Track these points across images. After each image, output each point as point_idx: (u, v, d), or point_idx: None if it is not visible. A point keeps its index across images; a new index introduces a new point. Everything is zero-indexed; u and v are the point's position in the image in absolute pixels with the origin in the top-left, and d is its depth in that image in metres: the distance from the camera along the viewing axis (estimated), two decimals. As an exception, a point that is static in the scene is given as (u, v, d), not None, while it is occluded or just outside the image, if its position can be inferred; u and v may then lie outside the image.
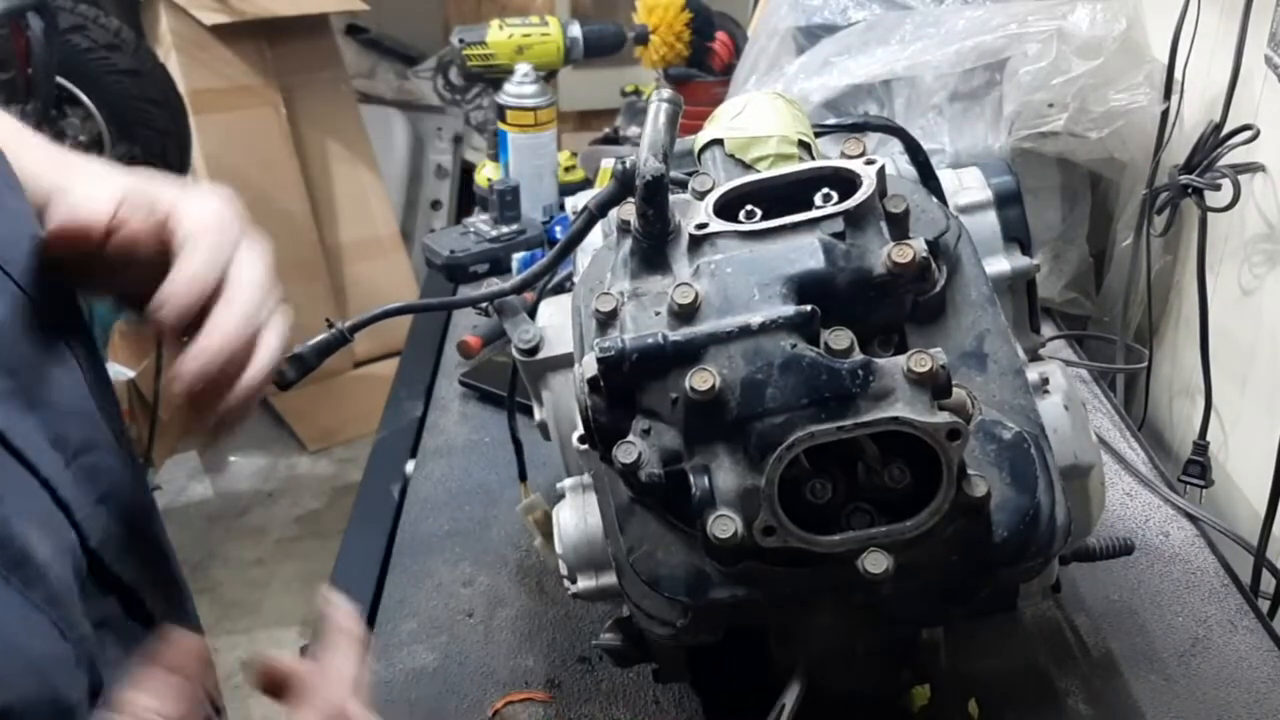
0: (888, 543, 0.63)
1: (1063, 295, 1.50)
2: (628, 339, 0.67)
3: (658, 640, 0.76)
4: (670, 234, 0.73)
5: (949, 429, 0.61)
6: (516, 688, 0.95)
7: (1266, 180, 1.21)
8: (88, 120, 2.53)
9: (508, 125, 1.73)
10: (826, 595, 0.70)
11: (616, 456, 0.67)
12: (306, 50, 3.31)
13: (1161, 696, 0.92)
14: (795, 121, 0.83)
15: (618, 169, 0.83)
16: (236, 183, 2.73)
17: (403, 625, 1.02)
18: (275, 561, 2.79)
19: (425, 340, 1.52)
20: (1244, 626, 0.99)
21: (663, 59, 1.92)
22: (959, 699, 0.89)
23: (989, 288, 0.76)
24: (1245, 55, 1.21)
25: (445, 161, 3.77)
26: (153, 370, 2.81)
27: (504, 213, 1.67)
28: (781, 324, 0.65)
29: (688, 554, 0.69)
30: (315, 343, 0.89)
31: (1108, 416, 1.31)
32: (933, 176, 0.90)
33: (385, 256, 3.41)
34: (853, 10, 1.52)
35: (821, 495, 0.65)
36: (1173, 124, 1.37)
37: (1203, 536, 1.11)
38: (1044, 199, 1.47)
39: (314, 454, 3.17)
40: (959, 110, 1.43)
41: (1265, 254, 1.23)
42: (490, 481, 1.21)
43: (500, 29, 1.80)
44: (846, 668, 0.80)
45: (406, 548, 1.12)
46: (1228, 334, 1.28)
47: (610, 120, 2.27)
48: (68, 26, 2.39)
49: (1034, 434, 0.69)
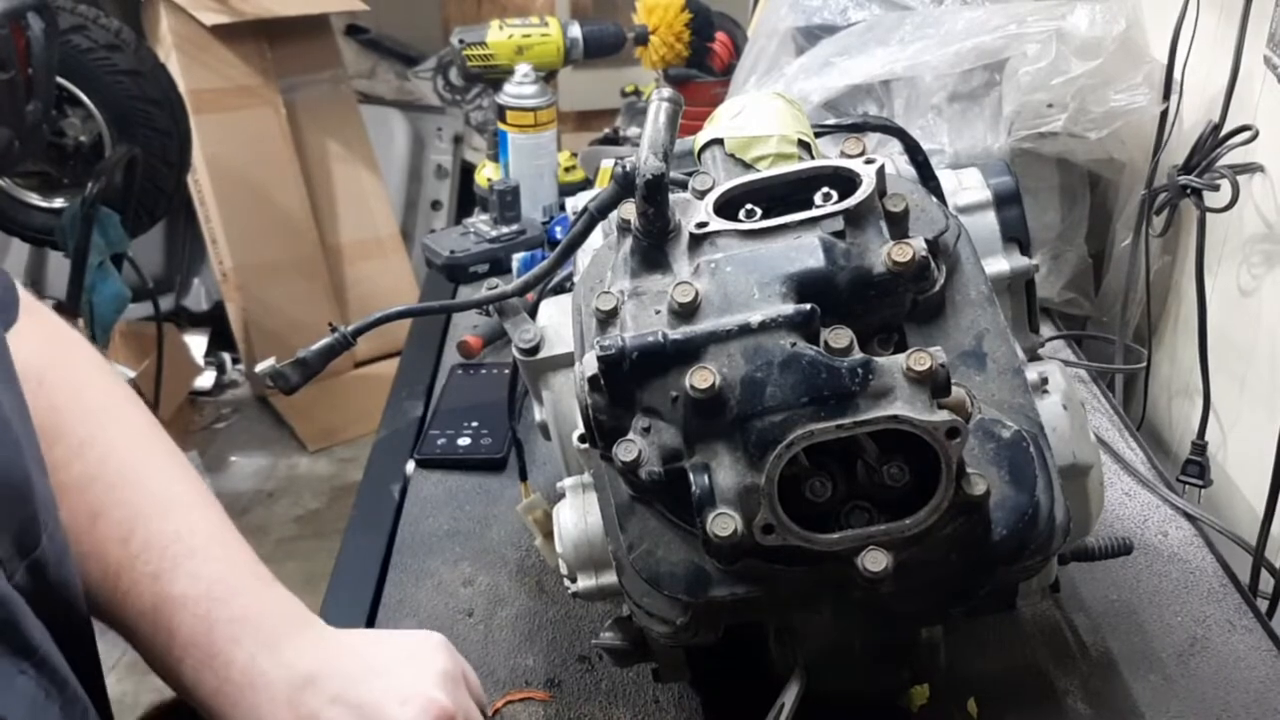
0: (887, 541, 0.63)
1: (1061, 295, 1.51)
2: (628, 337, 0.67)
3: (657, 639, 0.76)
4: (670, 233, 0.73)
5: (948, 427, 0.61)
6: (516, 687, 0.95)
7: (1265, 181, 1.22)
8: (88, 120, 2.53)
9: (508, 125, 1.73)
10: (826, 593, 0.70)
11: (617, 455, 0.67)
12: (306, 50, 3.32)
13: (1160, 696, 0.92)
14: (795, 121, 0.84)
15: (617, 170, 0.83)
16: (236, 183, 2.76)
17: (403, 625, 1.02)
18: (275, 561, 2.76)
19: (425, 340, 1.52)
20: (1243, 626, 0.99)
21: (663, 59, 1.92)
22: (958, 699, 0.89)
23: (988, 287, 0.76)
24: (1245, 55, 1.21)
25: (445, 162, 3.77)
26: (154, 370, 2.81)
27: (504, 213, 1.68)
28: (781, 322, 0.65)
29: (687, 552, 0.69)
30: (318, 347, 0.89)
31: (1106, 416, 1.31)
32: (932, 176, 0.90)
33: (385, 256, 3.41)
34: (852, 11, 1.52)
35: (821, 493, 0.65)
36: (1172, 124, 1.37)
37: (1201, 536, 1.11)
38: (1043, 199, 1.47)
39: (314, 454, 3.17)
40: (958, 110, 1.43)
41: (1264, 254, 1.23)
42: (490, 481, 1.21)
43: (500, 29, 1.80)
44: (846, 667, 0.80)
45: (406, 547, 1.12)
46: (1226, 334, 1.28)
47: (610, 121, 2.27)
48: (68, 26, 2.39)
49: (1033, 433, 0.69)
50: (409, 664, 0.67)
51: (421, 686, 0.64)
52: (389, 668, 0.66)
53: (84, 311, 2.45)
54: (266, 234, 3.20)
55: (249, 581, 0.67)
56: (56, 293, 3.27)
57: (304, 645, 0.65)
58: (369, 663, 0.65)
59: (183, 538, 0.65)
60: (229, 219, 3.14)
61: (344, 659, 0.65)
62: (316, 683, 0.63)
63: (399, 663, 0.66)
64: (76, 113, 2.52)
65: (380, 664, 0.66)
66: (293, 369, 0.90)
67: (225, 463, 3.15)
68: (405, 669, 0.66)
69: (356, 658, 0.66)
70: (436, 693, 0.65)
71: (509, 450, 1.21)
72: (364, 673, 0.65)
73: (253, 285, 3.20)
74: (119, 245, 2.51)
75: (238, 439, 3.25)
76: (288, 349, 0.94)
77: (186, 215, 3.27)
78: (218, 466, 3.12)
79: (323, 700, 0.63)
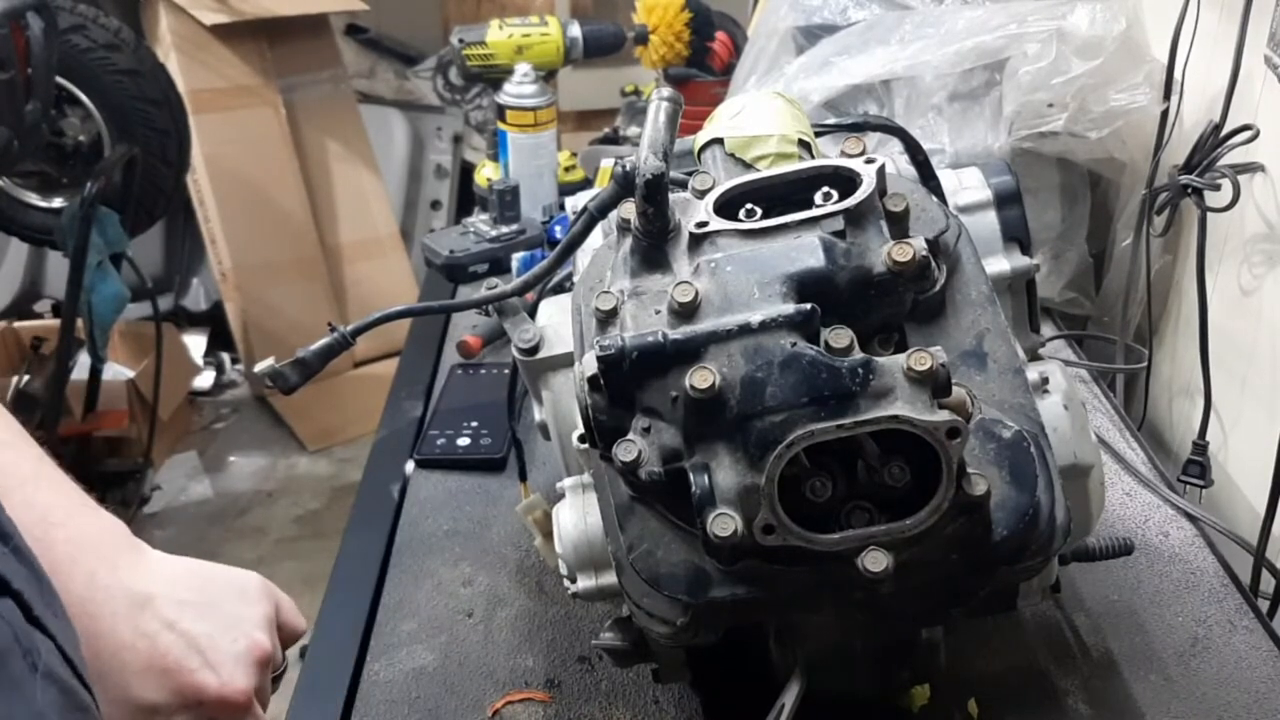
0: (887, 541, 0.63)
1: (1062, 295, 1.51)
2: (628, 337, 0.67)
3: (657, 640, 0.76)
4: (670, 233, 0.73)
5: (949, 427, 0.61)
6: (516, 687, 0.95)
7: (1266, 180, 1.21)
8: (87, 120, 2.53)
9: (507, 125, 1.73)
10: (826, 594, 0.70)
11: (616, 455, 0.67)
12: (306, 50, 3.31)
13: (1161, 696, 0.92)
14: (795, 121, 0.83)
15: (617, 170, 0.83)
16: (236, 182, 2.76)
17: (402, 625, 1.02)
18: (275, 561, 2.79)
19: (425, 340, 1.52)
20: (1243, 626, 0.99)
21: (662, 59, 1.92)
22: (959, 699, 0.89)
23: (989, 287, 0.76)
24: (1245, 55, 1.21)
25: (445, 161, 3.77)
26: (153, 370, 2.81)
27: (504, 213, 1.67)
28: (781, 322, 0.65)
29: (688, 553, 0.69)
30: (317, 347, 0.89)
31: (1107, 416, 1.31)
32: (932, 176, 0.90)
33: (385, 256, 3.41)
34: (853, 10, 1.52)
35: (821, 494, 0.65)
36: (1172, 124, 1.37)
37: (1202, 536, 1.11)
38: (1043, 199, 1.47)
39: (314, 454, 3.17)
40: (959, 110, 1.43)
41: (1265, 254, 1.23)
42: (490, 482, 1.21)
43: (500, 29, 1.80)
44: (846, 667, 0.80)
45: (406, 548, 1.12)
46: (1227, 334, 1.28)
47: (610, 120, 2.27)
48: (68, 26, 2.39)
49: (1034, 433, 0.69)
50: (239, 602, 0.70)
51: (248, 627, 0.68)
52: (219, 602, 0.69)
53: (83, 311, 2.45)
54: (266, 234, 3.20)
55: (80, 508, 0.69)
56: (55, 292, 3.28)
57: (140, 566, 0.68)
58: (203, 594, 0.69)
59: (9, 472, 0.66)
60: (228, 219, 3.14)
61: (179, 586, 0.68)
62: (154, 604, 0.66)
63: (229, 600, 0.70)
64: (75, 112, 2.52)
65: (212, 597, 0.69)
66: (292, 369, 0.90)
67: (224, 463, 3.14)
68: (235, 606, 0.69)
69: (191, 587, 0.69)
70: (261, 634, 0.68)
71: (509, 450, 1.21)
72: (198, 602, 0.68)
73: (252, 285, 3.20)
74: (118, 245, 2.51)
75: (237, 439, 3.25)
76: (287, 349, 0.93)
77: (185, 215, 3.27)
78: (217, 467, 3.11)
79: (160, 624, 0.65)
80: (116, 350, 2.94)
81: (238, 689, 0.66)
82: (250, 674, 0.67)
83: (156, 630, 0.65)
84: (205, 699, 0.65)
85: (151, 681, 0.64)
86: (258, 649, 0.68)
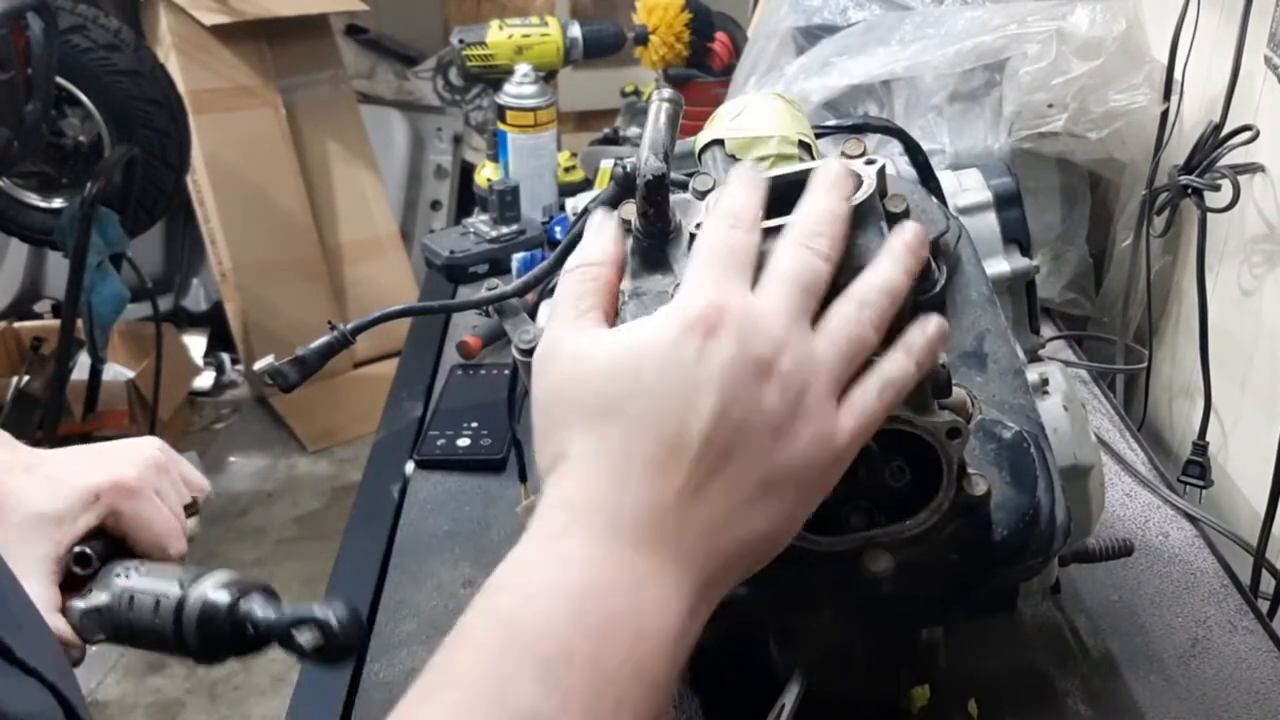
0: (888, 541, 0.63)
1: (1062, 296, 1.51)
2: (628, 338, 0.66)
3: (657, 640, 0.76)
4: (671, 233, 0.73)
5: (949, 428, 0.61)
6: (516, 688, 0.94)
7: (1266, 181, 1.21)
8: (87, 120, 2.53)
9: (507, 126, 1.73)
10: (826, 595, 0.70)
11: (617, 456, 0.66)
12: (306, 50, 3.32)
13: (1161, 697, 0.92)
14: (795, 122, 0.83)
15: (618, 170, 0.83)
16: (236, 183, 2.76)
17: (402, 625, 1.02)
18: (275, 562, 2.79)
19: (425, 340, 1.52)
20: (1243, 627, 0.99)
21: (662, 59, 1.93)
22: (959, 699, 0.89)
23: (989, 288, 0.76)
24: (1245, 56, 1.21)
25: (445, 162, 3.77)
26: (153, 370, 2.81)
27: (504, 213, 1.67)
28: (782, 323, 0.65)
29: (688, 553, 0.69)
30: (317, 345, 0.89)
31: (1107, 417, 1.31)
32: (932, 177, 0.90)
33: (385, 257, 3.41)
34: (853, 11, 1.52)
35: (821, 494, 0.65)
36: (1172, 124, 1.37)
37: (1202, 537, 1.11)
38: (1043, 200, 1.47)
39: (314, 454, 3.17)
40: (959, 111, 1.43)
41: (1265, 254, 1.23)
42: (490, 482, 1.21)
43: (500, 29, 1.80)
44: (846, 668, 0.80)
45: (406, 548, 1.12)
46: (1227, 334, 1.28)
47: (610, 121, 2.27)
48: (68, 26, 2.39)
49: (1034, 434, 0.69)
50: (118, 448, 0.73)
51: (117, 464, 0.70)
52: (100, 450, 0.72)
53: (83, 312, 2.45)
54: (266, 234, 3.20)
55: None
56: (56, 293, 3.28)
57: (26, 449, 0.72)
58: (82, 449, 0.73)
59: None
60: (228, 219, 3.14)
61: (64, 452, 0.72)
62: (45, 461, 0.70)
63: (110, 448, 0.73)
64: (76, 113, 2.52)
65: (92, 450, 0.73)
66: (291, 367, 0.90)
67: (224, 463, 3.15)
68: (111, 450, 0.73)
69: (80, 449, 0.73)
70: (129, 470, 0.70)
71: (509, 451, 1.21)
72: (71, 453, 0.72)
73: (252, 285, 3.20)
74: (118, 245, 2.51)
75: (237, 439, 3.25)
76: (287, 349, 0.93)
77: (186, 215, 3.27)
78: (217, 467, 3.11)
79: (51, 465, 0.70)
80: (116, 350, 2.94)
81: (130, 475, 0.69)
82: (141, 468, 0.70)
83: (49, 469, 0.69)
84: (100, 490, 0.68)
85: (48, 493, 0.68)
86: (148, 448, 0.72)
